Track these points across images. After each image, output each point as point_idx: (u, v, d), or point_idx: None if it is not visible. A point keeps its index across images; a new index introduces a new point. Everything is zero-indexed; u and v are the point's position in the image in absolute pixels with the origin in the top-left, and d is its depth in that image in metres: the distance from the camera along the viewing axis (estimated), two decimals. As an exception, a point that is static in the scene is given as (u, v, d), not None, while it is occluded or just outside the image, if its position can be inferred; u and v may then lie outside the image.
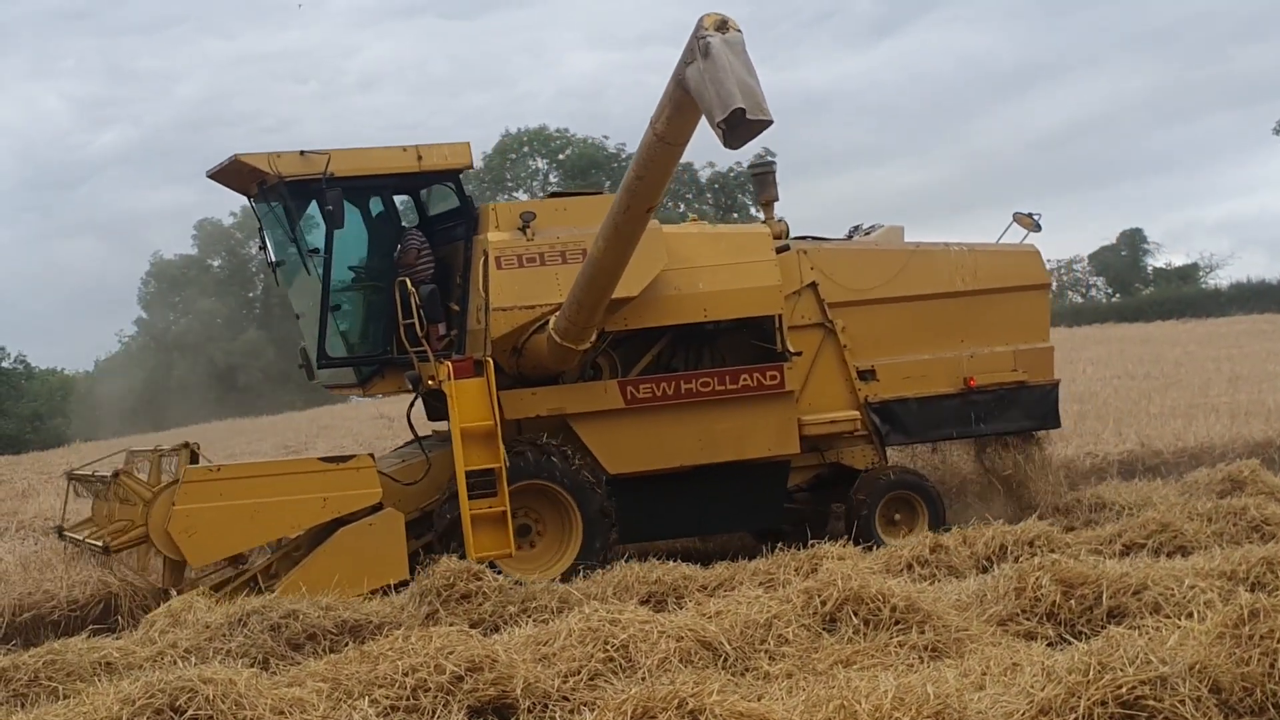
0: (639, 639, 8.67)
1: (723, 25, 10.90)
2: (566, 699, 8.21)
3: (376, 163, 14.51)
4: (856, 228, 16.92)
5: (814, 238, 16.35)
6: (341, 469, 13.41)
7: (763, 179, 16.53)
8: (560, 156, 74.21)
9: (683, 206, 72.17)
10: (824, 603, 9.36)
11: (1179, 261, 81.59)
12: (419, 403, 14.72)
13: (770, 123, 10.69)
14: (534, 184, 76.36)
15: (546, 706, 8.14)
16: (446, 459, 13.55)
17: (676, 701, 6.86)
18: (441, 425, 14.63)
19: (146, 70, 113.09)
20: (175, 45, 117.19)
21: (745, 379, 14.68)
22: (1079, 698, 6.67)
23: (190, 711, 7.45)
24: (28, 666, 9.65)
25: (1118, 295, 78.28)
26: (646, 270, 14.11)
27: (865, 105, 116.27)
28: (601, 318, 13.67)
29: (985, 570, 11.45)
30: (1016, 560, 11.27)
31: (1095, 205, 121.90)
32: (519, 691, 8.16)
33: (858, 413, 15.33)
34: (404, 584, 12.93)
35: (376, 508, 13.39)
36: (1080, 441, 19.94)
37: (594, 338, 13.82)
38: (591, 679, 8.35)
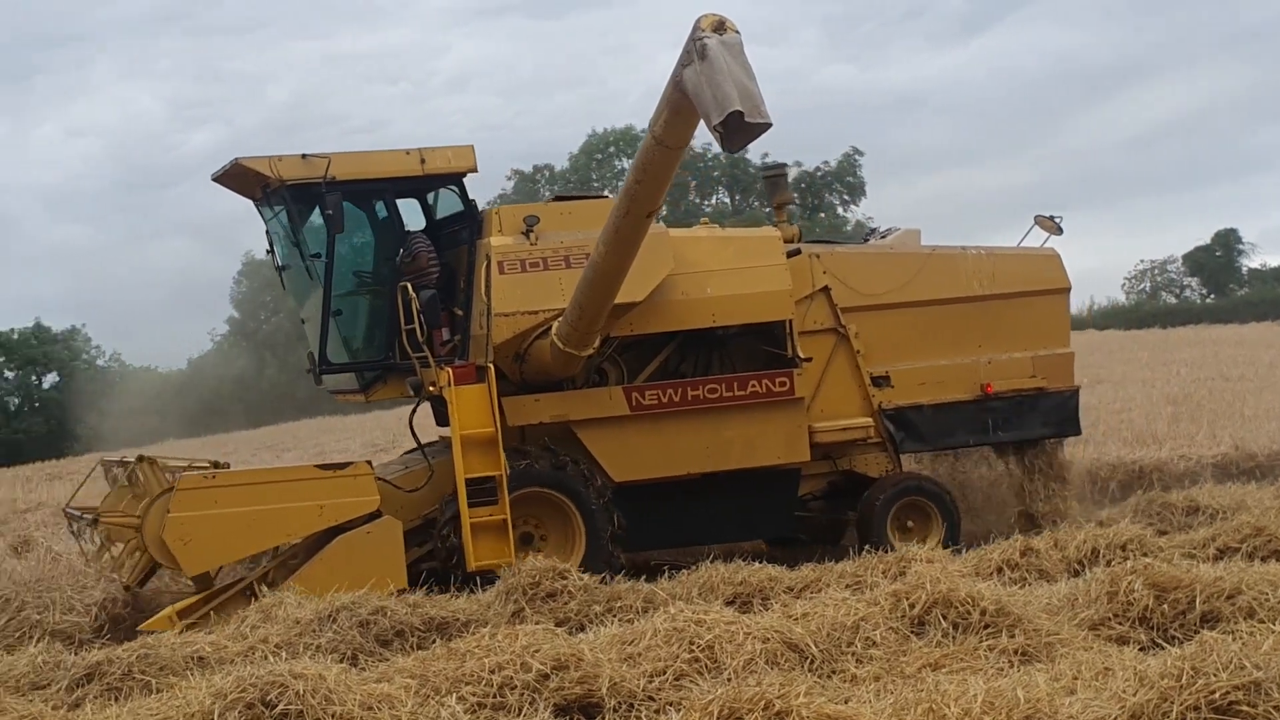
0: (724, 640, 8.64)
1: (720, 26, 10.74)
2: (652, 699, 8.19)
3: (378, 166, 14.41)
4: (873, 231, 16.75)
5: (827, 241, 16.20)
6: (338, 476, 13.32)
7: (775, 182, 16.44)
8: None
9: (768, 206, 71.94)
10: (912, 605, 9.29)
11: (1275, 262, 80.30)
12: (429, 409, 14.66)
13: (769, 126, 10.52)
14: (619, 184, 76.30)
15: (632, 706, 8.13)
16: (449, 466, 13.45)
17: (763, 703, 6.83)
18: (447, 431, 14.43)
19: (238, 71, 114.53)
20: (266, 46, 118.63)
21: (754, 385, 14.49)
22: (1171, 703, 6.57)
23: (281, 706, 7.52)
24: (121, 661, 9.79)
25: (1212, 296, 77.13)
26: (652, 275, 13.95)
27: (954, 104, 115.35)
28: (604, 323, 13.47)
29: (1077, 574, 11.33)
30: (1108, 564, 11.13)
31: (1189, 205, 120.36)
32: (605, 690, 8.16)
33: (871, 420, 15.09)
34: (401, 593, 12.71)
35: (375, 515, 13.26)
36: (1174, 444, 19.67)
37: (598, 344, 13.65)
38: (677, 679, 8.33)
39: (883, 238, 16.51)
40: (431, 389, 13.82)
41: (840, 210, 72.28)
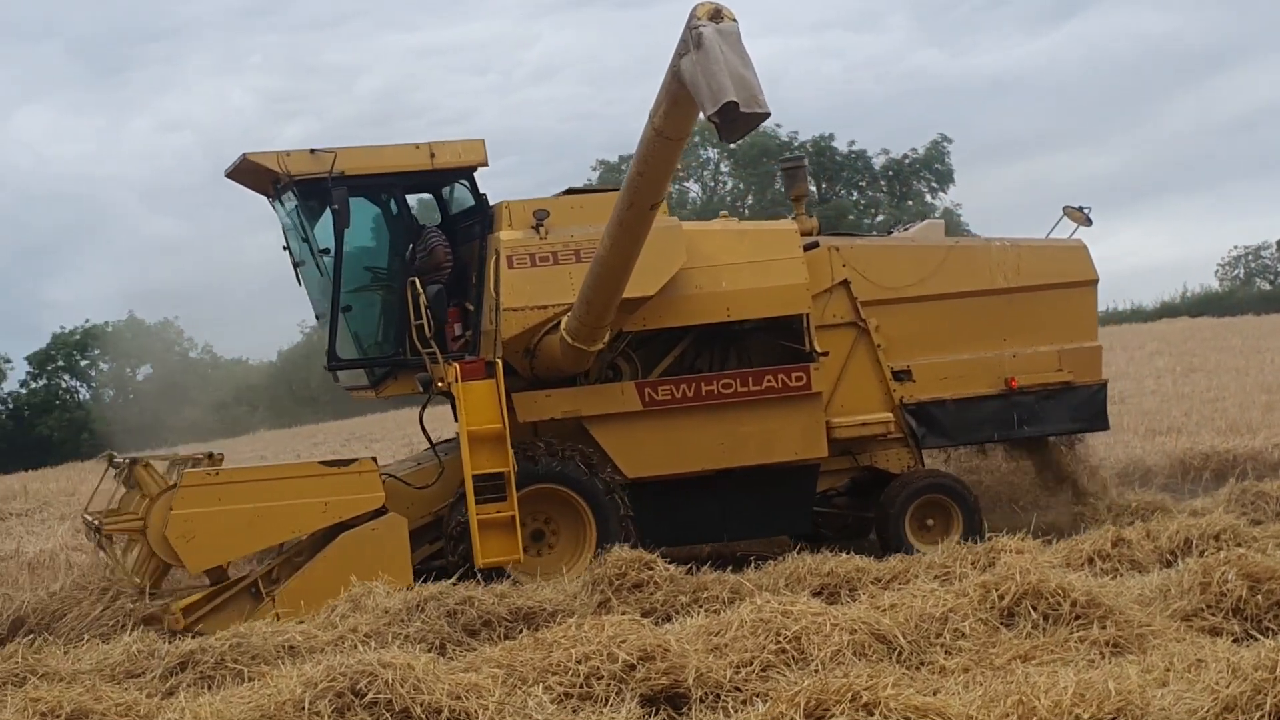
0: (811, 631, 8.61)
1: (716, 14, 10.52)
2: (739, 689, 8.18)
3: (387, 160, 14.31)
4: (897, 224, 16.55)
5: (847, 234, 16.10)
6: (343, 473, 13.18)
7: (793, 174, 16.23)
8: (731, 146, 73.96)
9: (855, 194, 71.72)
10: (1002, 597, 9.20)
11: (1373, 246, 78.67)
12: (448, 405, 14.40)
13: (767, 115, 10.32)
14: (705, 174, 76.35)
15: (719, 697, 8.12)
16: (460, 463, 13.31)
17: (850, 694, 6.80)
18: None
19: (328, 64, 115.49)
20: (356, 39, 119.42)
21: (769, 380, 14.32)
22: (1265, 695, 6.46)
23: (370, 695, 7.58)
24: (214, 650, 9.95)
25: (1309, 282, 75.83)
26: (663, 269, 13.81)
27: (1045, 89, 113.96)
28: (613, 318, 13.32)
29: (1169, 564, 11.17)
30: (1201, 554, 10.96)
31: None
32: (691, 681, 8.16)
33: (891, 415, 14.90)
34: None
35: (380, 512, 13.18)
36: (1269, 433, 19.39)
37: (607, 338, 13.50)
38: (763, 670, 8.32)
39: (906, 231, 16.38)
40: (440, 385, 13.70)
41: (928, 198, 71.67)
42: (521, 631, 10.10)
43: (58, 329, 63.74)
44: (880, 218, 69.73)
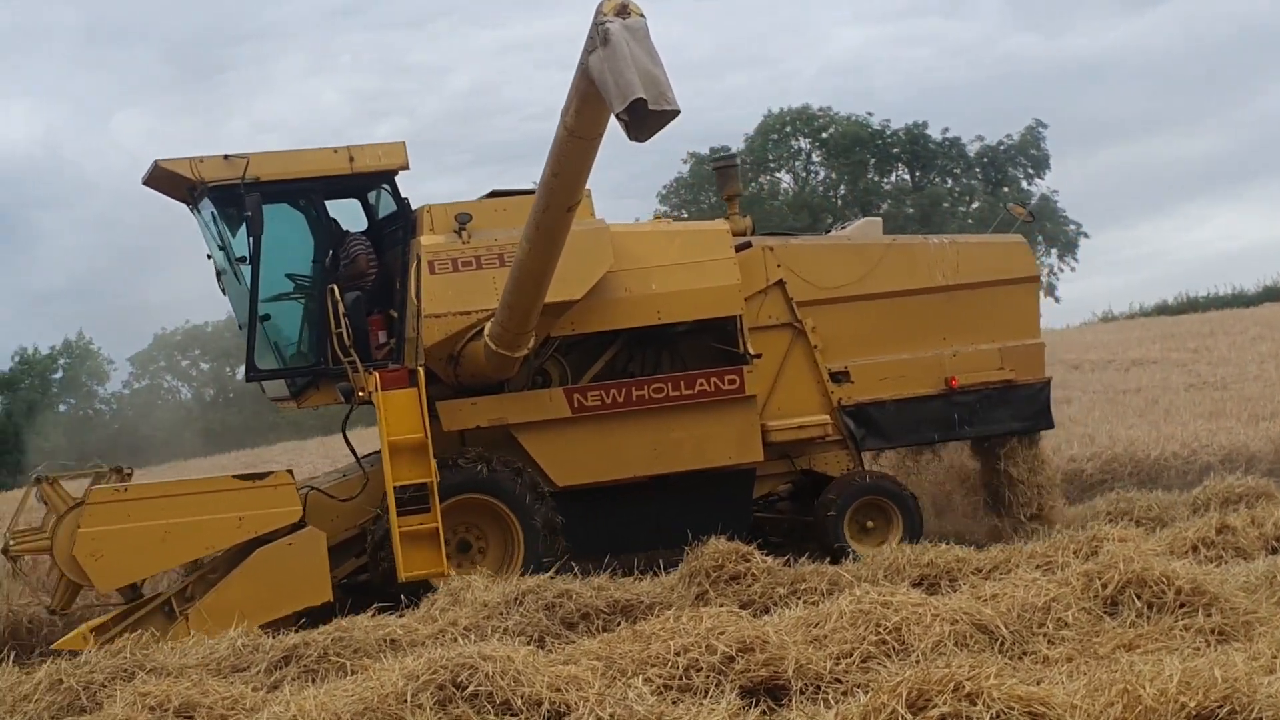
0: (912, 622, 8.56)
1: (623, 10, 10.18)
2: (839, 681, 8.15)
3: (305, 165, 14.00)
4: (833, 224, 16.35)
5: (782, 233, 15.77)
6: (258, 486, 12.80)
7: (726, 173, 15.91)
8: (823, 135, 73.64)
9: (950, 181, 71.05)
10: (1105, 585, 9.12)
11: None
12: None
13: (677, 113, 9.97)
14: (796, 164, 76.04)
15: (819, 688, 8.09)
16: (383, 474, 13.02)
17: (953, 685, 6.74)
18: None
19: (417, 63, 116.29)
20: (443, 37, 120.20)
21: (702, 384, 14.06)
22: (1379, 684, 6.34)
23: (471, 687, 7.64)
24: (317, 644, 10.06)
25: None
26: (589, 272, 13.58)
27: (1142, 71, 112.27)
28: (540, 322, 13.05)
29: (1275, 552, 11.02)
30: (1309, 541, 10.80)
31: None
32: (791, 672, 8.13)
33: (828, 417, 14.63)
34: (327, 606, 12.47)
35: (298, 526, 12.84)
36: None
37: (532, 344, 13.23)
38: (864, 661, 8.28)
39: (843, 229, 16.14)
40: (361, 394, 13.35)
41: (1024, 184, 70.92)
42: (619, 624, 10.12)
43: (159, 330, 64.69)
44: (975, 205, 69.12)
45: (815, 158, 74.50)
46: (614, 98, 9.88)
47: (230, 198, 13.67)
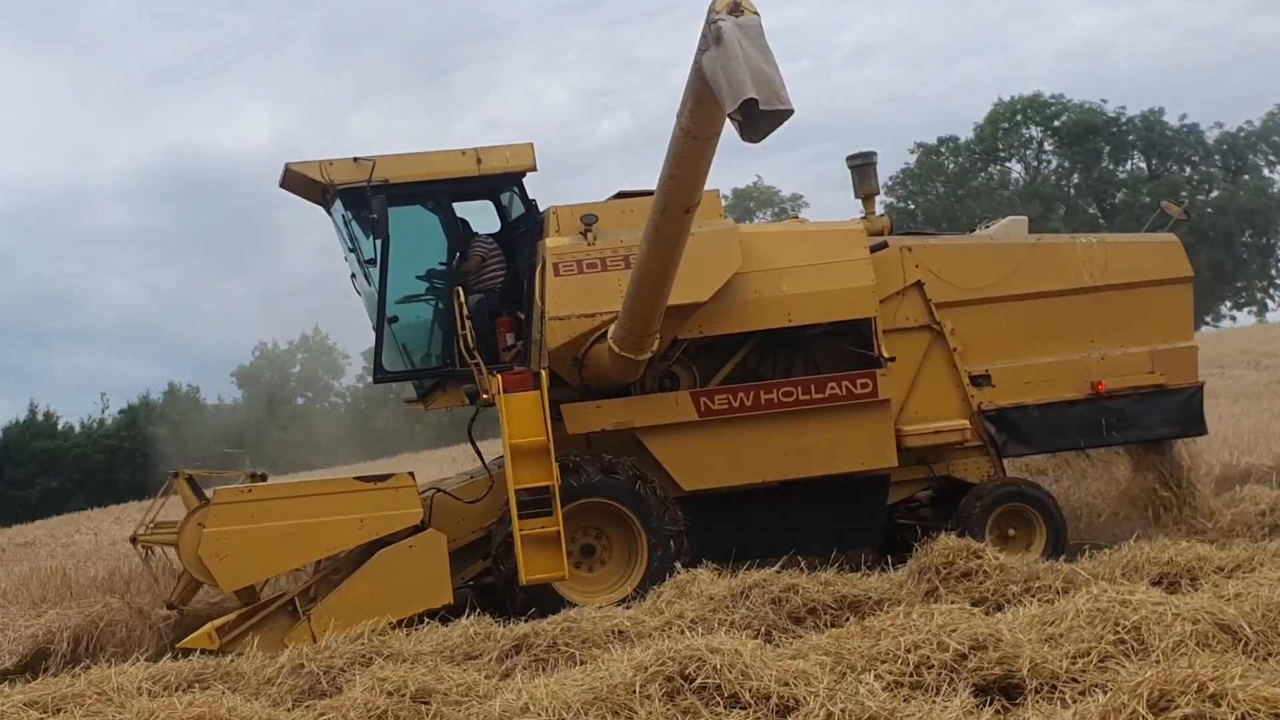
0: (1151, 621, 8.31)
1: (736, 8, 9.77)
2: (1075, 680, 7.94)
3: (433, 167, 13.85)
4: (978, 223, 15.58)
5: (921, 233, 15.11)
6: (379, 488, 12.76)
7: (863, 170, 15.32)
8: (1055, 124, 72.16)
9: (1187, 169, 68.97)
10: (1356, 585, 8.72)
11: None
12: None
13: (790, 113, 9.49)
14: (1027, 153, 74.60)
15: (1054, 688, 7.90)
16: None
17: (1195, 685, 6.53)
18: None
19: (642, 58, 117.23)
20: (668, 31, 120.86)
21: (833, 388, 13.61)
22: None
23: (699, 680, 7.65)
24: (547, 633, 10.20)
25: None
26: (717, 273, 13.25)
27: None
28: (665, 325, 12.70)
29: None
30: None
31: None
32: (1025, 671, 7.96)
33: (967, 422, 14.08)
34: (448, 609, 12.36)
35: (419, 529, 12.82)
36: None
37: (658, 346, 12.88)
38: (1101, 661, 8.06)
39: (987, 229, 15.50)
40: (485, 397, 13.20)
41: (1265, 171, 68.54)
42: (847, 619, 10.02)
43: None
44: (1214, 194, 66.97)
45: (1047, 146, 73.04)
46: (726, 97, 9.56)
47: (359, 200, 13.70)
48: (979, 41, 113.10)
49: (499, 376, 12.92)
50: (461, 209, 14.45)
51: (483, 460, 14.02)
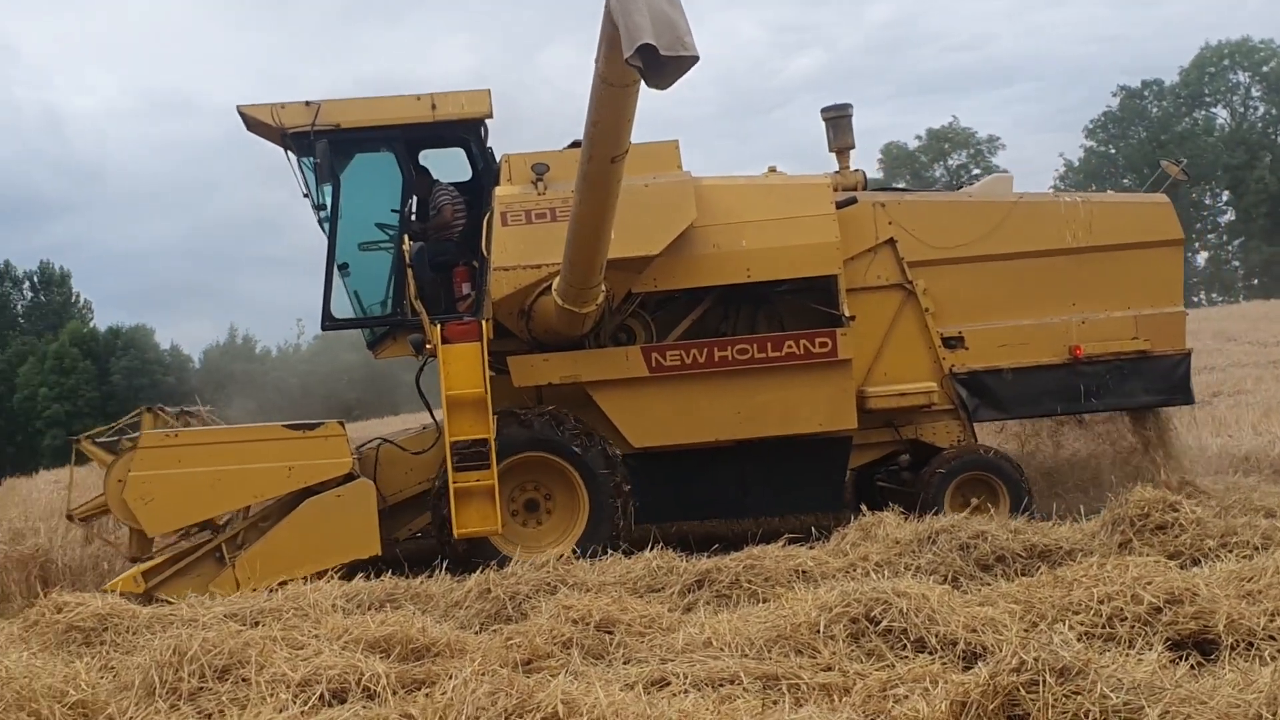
0: (1356, 580, 8.04)
1: None
2: (1273, 638, 7.70)
3: (386, 113, 13.61)
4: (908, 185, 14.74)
5: (896, 189, 14.45)
6: (308, 436, 12.54)
7: (838, 124, 14.71)
8: (1264, 69, 69.68)
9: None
10: None
11: None
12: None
13: (695, 59, 8.94)
14: (1234, 99, 72.21)
15: (1251, 645, 7.67)
16: None
17: (1405, 650, 6.30)
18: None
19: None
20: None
21: (791, 346, 13.18)
22: None
23: (885, 622, 7.61)
24: (729, 569, 10.22)
25: None
26: (669, 226, 12.86)
27: None
28: (600, 278, 12.24)
29: None
30: None
31: None
32: (1221, 627, 7.75)
33: (935, 384, 13.62)
34: (376, 560, 12.23)
35: (349, 478, 12.62)
36: None
37: (600, 300, 12.49)
38: (1302, 620, 7.82)
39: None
40: (430, 347, 12.96)
41: None
42: (1038, 569, 9.86)
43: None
44: None
45: (1255, 92, 70.66)
46: (625, 42, 9.07)
47: (308, 144, 13.56)
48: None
49: (437, 326, 12.79)
50: (436, 156, 14.34)
51: (431, 412, 13.76)
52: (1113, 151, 72.49)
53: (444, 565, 11.90)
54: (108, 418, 27.46)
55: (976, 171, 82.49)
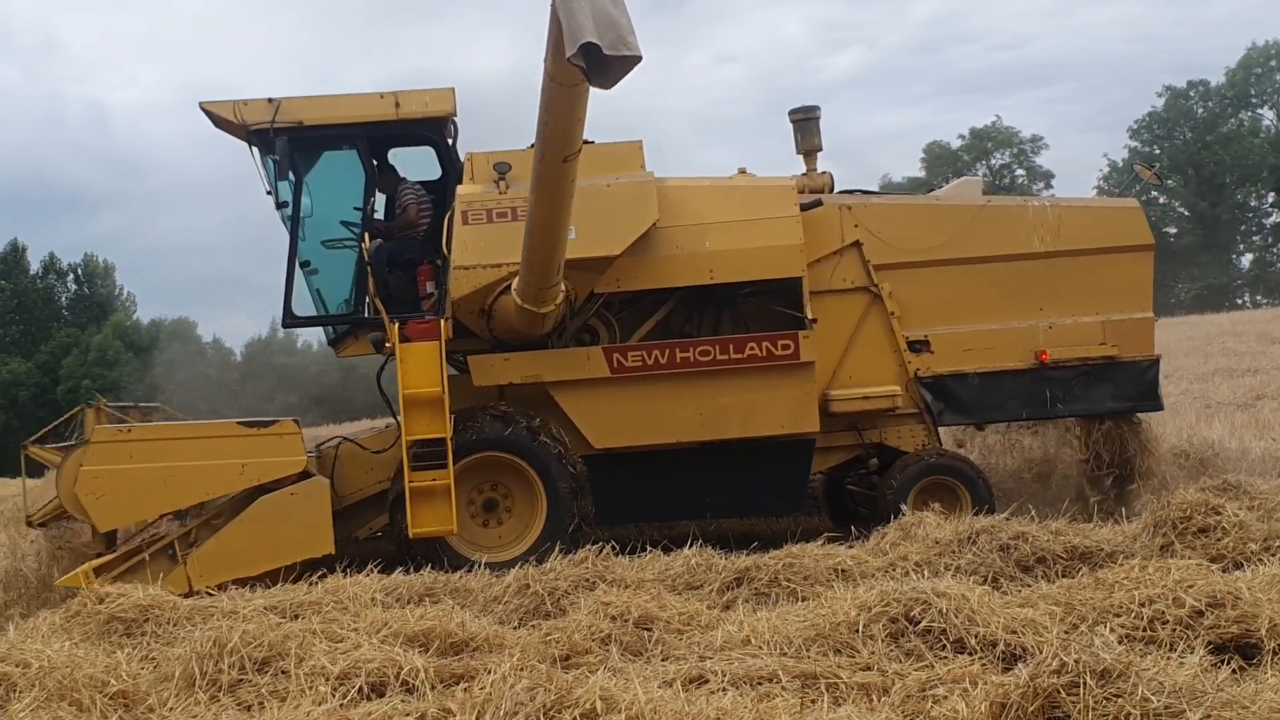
0: (1402, 586, 7.97)
1: None
2: (1318, 644, 7.67)
3: (349, 110, 13.53)
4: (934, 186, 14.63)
5: (864, 191, 14.37)
6: (262, 434, 12.41)
7: (805, 126, 14.60)
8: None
9: None
10: None
11: None
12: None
13: (637, 59, 8.84)
14: (1277, 100, 71.61)
15: (1295, 650, 7.63)
16: None
17: None
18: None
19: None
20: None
21: (753, 348, 13.15)
22: None
23: (924, 622, 7.58)
24: (768, 568, 10.21)
25: None
26: (631, 227, 12.80)
27: None
28: (558, 278, 12.18)
29: None
30: None
31: None
32: (1264, 631, 7.69)
33: (898, 388, 13.56)
34: (329, 559, 12.16)
35: (303, 476, 12.51)
36: None
37: (560, 300, 12.44)
38: (1347, 626, 7.75)
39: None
40: (389, 345, 12.90)
41: None
42: (1079, 571, 9.82)
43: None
44: None
45: (1301, 93, 70.04)
46: (568, 41, 8.98)
47: (269, 141, 13.50)
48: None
49: (395, 325, 12.77)
50: (404, 155, 14.32)
51: (392, 410, 13.60)
52: (1157, 152, 72.03)
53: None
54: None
55: (1020, 171, 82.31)
